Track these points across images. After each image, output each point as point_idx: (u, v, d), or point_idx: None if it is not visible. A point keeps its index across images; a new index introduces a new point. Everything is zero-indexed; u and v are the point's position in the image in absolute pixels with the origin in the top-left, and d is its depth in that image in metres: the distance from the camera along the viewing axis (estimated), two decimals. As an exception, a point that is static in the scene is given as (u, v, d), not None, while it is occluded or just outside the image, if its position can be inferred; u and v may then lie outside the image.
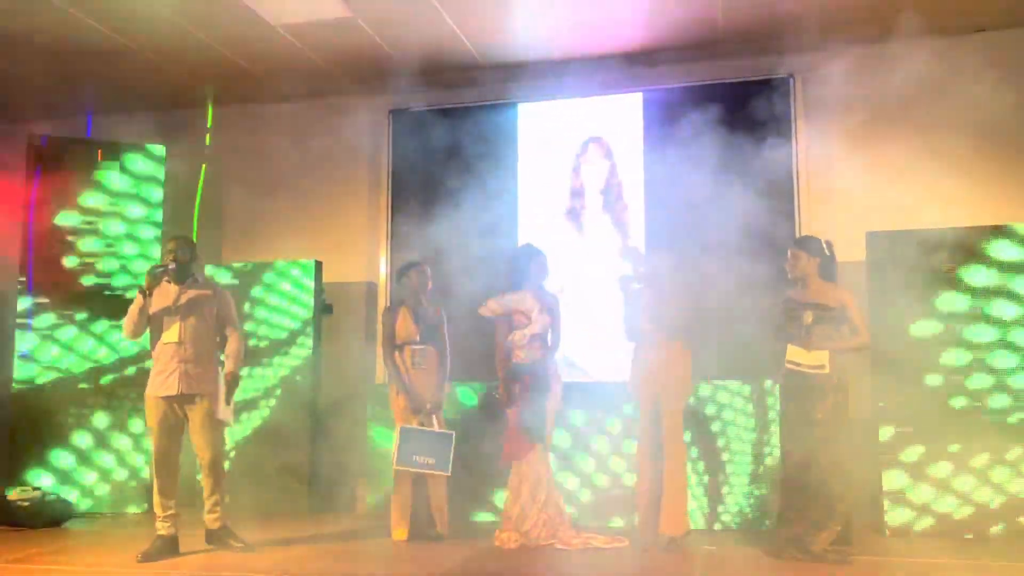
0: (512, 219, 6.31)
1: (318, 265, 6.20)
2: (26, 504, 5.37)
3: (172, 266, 4.56)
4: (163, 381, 4.48)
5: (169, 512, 4.49)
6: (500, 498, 5.37)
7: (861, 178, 5.78)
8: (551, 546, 4.62)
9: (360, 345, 6.48)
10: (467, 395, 5.90)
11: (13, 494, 5.49)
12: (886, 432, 5.02)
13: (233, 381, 4.63)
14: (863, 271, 5.32)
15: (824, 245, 4.40)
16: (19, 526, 5.32)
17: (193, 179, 6.80)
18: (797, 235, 5.68)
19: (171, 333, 4.52)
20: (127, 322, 4.59)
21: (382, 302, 6.38)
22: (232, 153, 6.96)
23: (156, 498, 4.51)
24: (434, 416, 4.94)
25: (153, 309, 4.58)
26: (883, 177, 5.77)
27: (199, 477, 4.79)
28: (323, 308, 6.43)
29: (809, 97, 5.98)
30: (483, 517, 5.66)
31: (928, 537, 4.86)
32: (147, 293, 4.53)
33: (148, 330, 4.64)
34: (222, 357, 4.67)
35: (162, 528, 4.48)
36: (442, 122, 6.46)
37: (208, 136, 6.92)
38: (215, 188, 6.97)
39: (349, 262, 6.62)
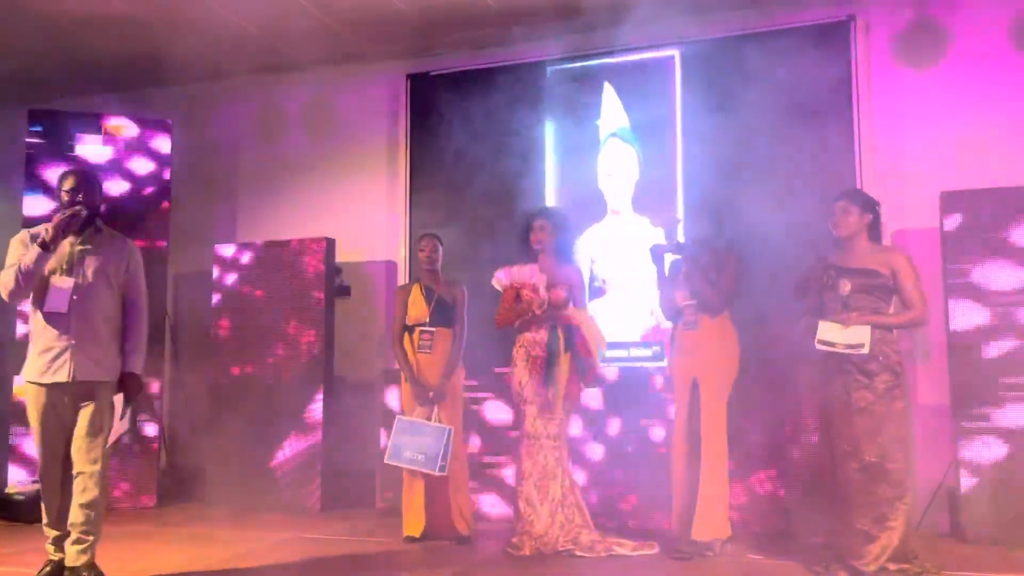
0: (538, 189, 5.76)
1: (330, 243, 5.74)
2: (22, 499, 5.10)
3: (83, 212, 3.42)
4: (48, 364, 3.40)
5: (57, 534, 3.48)
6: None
7: (934, 134, 5.05)
8: (570, 552, 4.08)
9: (380, 328, 6.04)
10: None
11: (11, 487, 5.25)
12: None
13: (134, 385, 3.55)
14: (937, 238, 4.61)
15: (877, 201, 3.72)
16: (16, 520, 5.05)
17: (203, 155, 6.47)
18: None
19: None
20: (11, 278, 3.36)
21: (402, 281, 5.92)
22: (243, 126, 6.58)
23: (43, 514, 3.52)
24: (436, 407, 4.44)
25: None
26: (957, 133, 5.01)
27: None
28: (339, 290, 5.99)
29: (872, 43, 5.25)
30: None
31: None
32: (50, 247, 3.35)
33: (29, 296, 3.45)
34: None
35: (52, 551, 3.50)
36: (463, 86, 5.95)
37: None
38: (228, 163, 6.62)
39: (367, 239, 6.17)
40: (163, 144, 5.98)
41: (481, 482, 5.13)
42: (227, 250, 5.92)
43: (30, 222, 5.12)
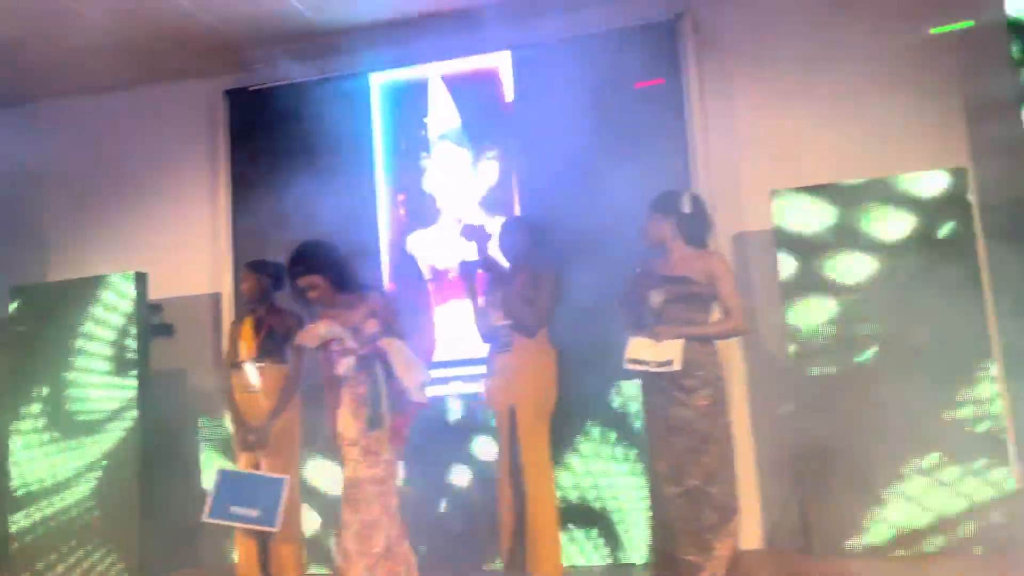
0: (371, 208, 5.37)
1: (140, 278, 5.18)
2: None
3: None
4: None
5: None
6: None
7: (765, 132, 4.91)
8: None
9: (205, 369, 5.52)
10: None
11: None
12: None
13: None
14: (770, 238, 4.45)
15: (685, 200, 3.46)
16: None
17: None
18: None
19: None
20: None
21: (229, 315, 5.42)
22: (51, 154, 5.97)
23: None
24: (261, 454, 3.98)
25: None
26: (790, 130, 4.88)
27: None
28: (158, 328, 5.45)
29: (702, 41, 5.08)
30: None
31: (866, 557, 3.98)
32: None
33: None
34: None
35: None
36: (285, 101, 5.52)
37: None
38: (34, 194, 6.00)
39: (189, 271, 5.65)
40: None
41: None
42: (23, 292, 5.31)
43: None
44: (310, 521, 4.70)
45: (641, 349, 3.25)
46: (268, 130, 5.50)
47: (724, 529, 3.19)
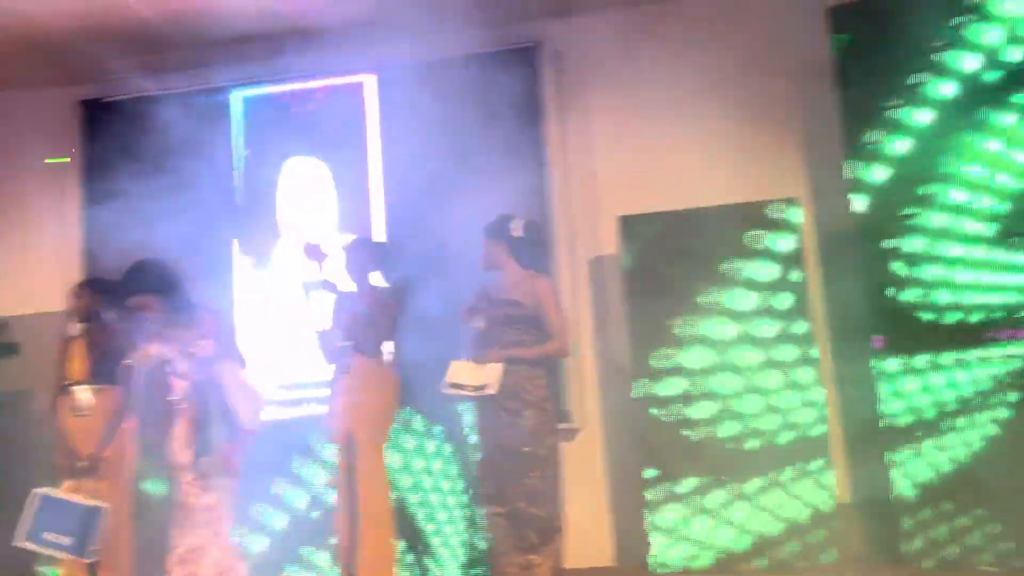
0: (228, 225, 5.27)
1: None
2: None
3: None
4: None
5: None
6: None
7: (617, 158, 5.05)
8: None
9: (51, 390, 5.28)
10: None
11: None
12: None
13: None
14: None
15: (516, 224, 3.52)
16: None
17: None
18: (552, 225, 4.92)
19: None
20: None
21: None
22: None
23: None
24: (90, 480, 3.81)
25: None
26: (642, 156, 5.04)
27: None
28: (1, 348, 5.21)
29: (563, 69, 5.20)
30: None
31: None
32: None
33: None
34: None
35: None
36: (143, 113, 5.35)
37: None
38: None
39: (38, 288, 5.42)
40: None
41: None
42: None
43: None
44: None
45: (461, 373, 3.28)
46: (124, 143, 5.33)
47: (545, 549, 3.23)
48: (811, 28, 4.57)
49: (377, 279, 3.88)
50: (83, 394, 3.93)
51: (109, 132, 5.40)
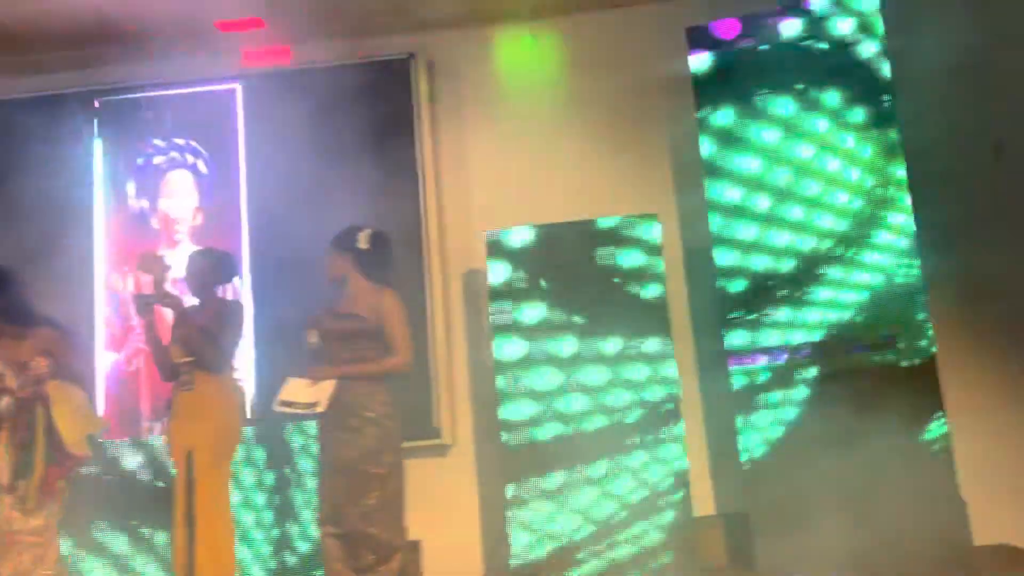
0: (86, 234, 5.05)
1: None
2: None
3: None
4: None
5: None
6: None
7: (489, 171, 5.04)
8: None
9: None
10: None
11: None
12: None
13: None
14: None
15: (362, 236, 3.45)
16: None
17: None
18: (423, 239, 4.88)
19: None
20: None
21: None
22: None
23: None
24: None
25: None
26: (517, 171, 5.04)
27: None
28: None
29: (436, 81, 5.17)
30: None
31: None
32: None
33: None
34: None
35: None
36: (-1, 117, 5.13)
37: None
38: None
39: None
40: None
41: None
42: None
43: None
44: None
45: (294, 390, 3.19)
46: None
47: (383, 568, 3.16)
48: (677, 47, 4.65)
49: (219, 291, 3.74)
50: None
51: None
